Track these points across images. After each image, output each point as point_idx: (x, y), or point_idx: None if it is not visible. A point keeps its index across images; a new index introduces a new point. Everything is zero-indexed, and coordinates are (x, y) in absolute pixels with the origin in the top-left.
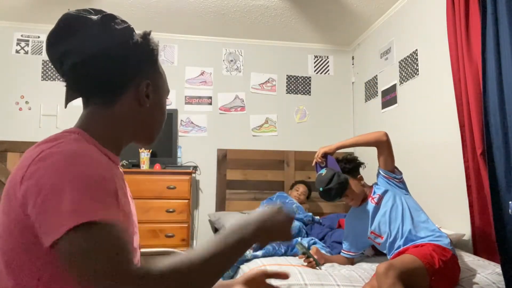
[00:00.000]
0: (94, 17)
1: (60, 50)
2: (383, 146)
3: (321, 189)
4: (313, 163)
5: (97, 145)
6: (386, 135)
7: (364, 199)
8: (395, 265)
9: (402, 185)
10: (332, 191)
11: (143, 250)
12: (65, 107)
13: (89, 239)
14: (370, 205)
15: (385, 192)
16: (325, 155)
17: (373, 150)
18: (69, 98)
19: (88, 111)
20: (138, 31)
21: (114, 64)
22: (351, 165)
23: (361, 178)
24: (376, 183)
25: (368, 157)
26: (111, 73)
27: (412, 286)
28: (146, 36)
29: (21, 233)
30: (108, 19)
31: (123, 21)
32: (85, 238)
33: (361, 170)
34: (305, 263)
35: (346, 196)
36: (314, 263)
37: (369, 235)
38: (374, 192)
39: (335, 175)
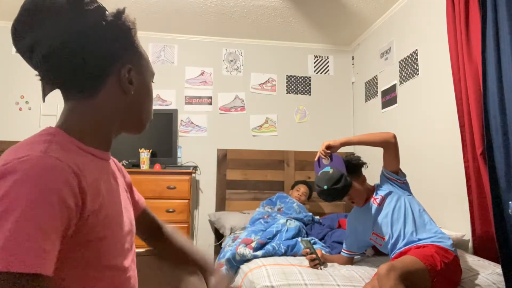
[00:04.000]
0: (61, 0)
1: (27, 42)
2: (391, 147)
3: (325, 187)
4: (316, 158)
5: (78, 144)
6: (395, 137)
7: (367, 200)
8: (397, 266)
9: (405, 186)
10: (337, 192)
11: (143, 250)
12: (43, 101)
13: None
14: (373, 206)
15: (388, 193)
16: (329, 150)
17: (376, 151)
18: (46, 91)
19: (69, 106)
20: (111, 10)
21: (87, 49)
22: (355, 166)
23: (364, 179)
24: (379, 184)
25: (370, 157)
26: (85, 60)
27: (414, 287)
28: (119, 14)
29: None
30: (76, 0)
31: (93, 1)
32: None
33: (363, 170)
34: (308, 260)
35: (348, 196)
36: (318, 262)
37: (371, 236)
38: (377, 193)
39: (343, 177)
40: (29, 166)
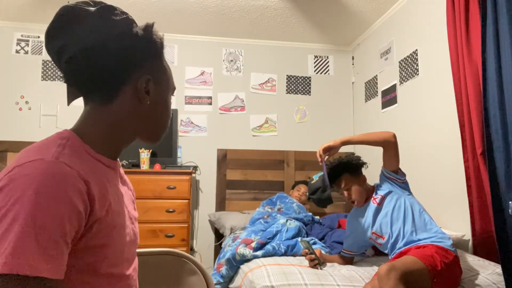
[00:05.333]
0: (92, 9)
1: (57, 44)
2: (390, 147)
3: (307, 194)
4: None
5: (89, 151)
6: (395, 136)
7: (367, 199)
8: (397, 267)
9: (404, 186)
10: (315, 201)
11: (143, 250)
12: (68, 105)
13: None
14: (372, 205)
15: (388, 193)
16: (327, 152)
17: (375, 151)
18: (70, 96)
19: (86, 110)
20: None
21: (110, 56)
22: (355, 166)
23: (364, 179)
24: (378, 184)
25: (370, 157)
26: (107, 66)
27: (414, 287)
28: (148, 28)
29: None
30: (106, 10)
31: (123, 12)
32: None
33: (363, 170)
34: (308, 260)
35: (348, 196)
36: (317, 262)
37: (371, 236)
38: (377, 193)
39: (318, 190)
40: (42, 171)
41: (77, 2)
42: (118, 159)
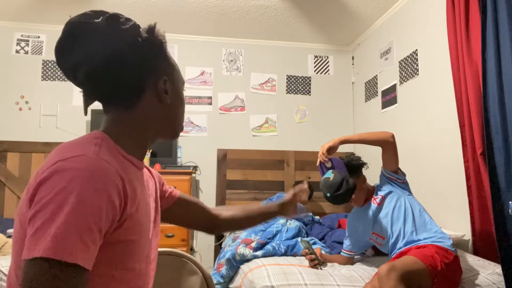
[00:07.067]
0: (98, 21)
1: (70, 61)
2: (389, 147)
3: (328, 194)
4: (318, 163)
5: (121, 152)
6: (393, 136)
7: (367, 200)
8: (397, 267)
9: (405, 186)
10: (341, 198)
11: None
12: (85, 114)
13: (48, 276)
14: (372, 205)
15: (388, 193)
16: (330, 151)
17: (375, 151)
18: (87, 104)
19: (111, 116)
20: (143, 25)
21: (128, 66)
22: (355, 166)
23: (364, 179)
24: (379, 184)
25: (370, 157)
26: (127, 76)
27: (414, 287)
28: (152, 29)
29: (22, 225)
30: (113, 20)
31: (128, 19)
32: (45, 272)
33: (363, 170)
34: (308, 260)
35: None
36: (317, 262)
37: (371, 236)
38: (377, 193)
39: (344, 181)
40: (84, 166)
41: (79, 15)
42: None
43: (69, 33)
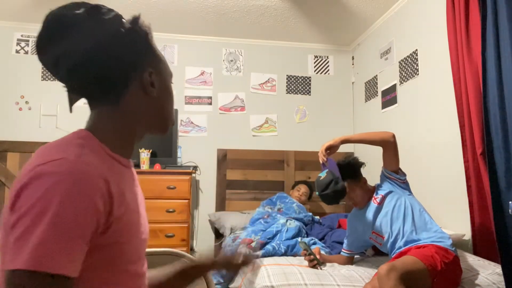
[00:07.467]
0: (79, 12)
1: (51, 56)
2: (390, 147)
3: (317, 193)
4: (320, 161)
5: (106, 150)
6: (394, 136)
7: (367, 200)
8: (397, 267)
9: (405, 185)
10: (328, 197)
11: None
12: (70, 111)
13: (30, 287)
14: (372, 205)
15: (389, 193)
16: (329, 151)
17: (375, 151)
18: (72, 101)
19: (96, 112)
20: (126, 16)
21: (111, 58)
22: (353, 169)
23: (365, 181)
24: (379, 184)
25: (370, 157)
26: (110, 69)
27: (414, 287)
28: (136, 20)
29: (6, 232)
30: (94, 11)
31: (110, 10)
32: (26, 284)
33: (362, 170)
34: (307, 261)
35: (350, 198)
36: (316, 262)
37: (371, 235)
38: (377, 193)
39: (332, 182)
40: (65, 170)
41: (59, 7)
42: (130, 159)
43: (49, 27)
